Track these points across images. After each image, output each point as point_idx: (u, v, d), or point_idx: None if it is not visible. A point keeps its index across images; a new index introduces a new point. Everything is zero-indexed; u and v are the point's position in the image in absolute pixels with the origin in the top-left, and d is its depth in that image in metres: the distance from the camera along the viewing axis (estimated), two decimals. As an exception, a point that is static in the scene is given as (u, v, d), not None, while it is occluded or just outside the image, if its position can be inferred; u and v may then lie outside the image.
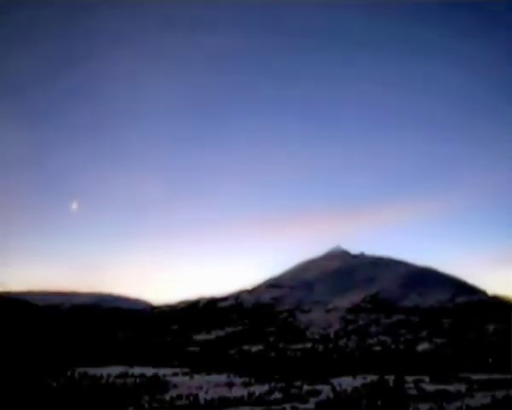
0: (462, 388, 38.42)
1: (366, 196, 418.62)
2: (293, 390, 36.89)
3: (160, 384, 39.17)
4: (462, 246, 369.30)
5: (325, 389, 37.42)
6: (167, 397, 33.35)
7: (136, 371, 46.50)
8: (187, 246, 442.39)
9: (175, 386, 38.70)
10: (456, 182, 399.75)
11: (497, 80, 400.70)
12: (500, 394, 34.45)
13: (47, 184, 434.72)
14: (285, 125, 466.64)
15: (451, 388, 38.56)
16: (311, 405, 30.76)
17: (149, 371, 46.05)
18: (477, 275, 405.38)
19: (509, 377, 45.93)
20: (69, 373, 41.94)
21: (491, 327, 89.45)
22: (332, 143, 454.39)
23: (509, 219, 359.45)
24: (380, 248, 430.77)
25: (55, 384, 36.44)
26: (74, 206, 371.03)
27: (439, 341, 79.29)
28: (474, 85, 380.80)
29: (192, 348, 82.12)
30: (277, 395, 35.08)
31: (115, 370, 46.13)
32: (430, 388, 38.35)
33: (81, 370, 44.32)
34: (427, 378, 45.55)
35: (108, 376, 41.67)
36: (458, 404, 30.63)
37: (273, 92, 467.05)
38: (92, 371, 44.48)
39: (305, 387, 39.08)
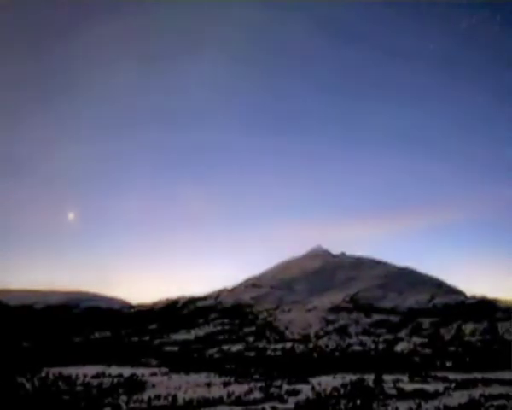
0: (440, 387, 38.89)
1: (353, 208, 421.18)
2: (273, 390, 36.72)
3: (138, 384, 38.50)
4: (442, 247, 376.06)
5: (305, 389, 37.36)
6: (145, 397, 32.80)
7: (114, 371, 45.66)
8: (166, 244, 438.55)
9: (153, 386, 38.13)
10: (437, 197, 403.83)
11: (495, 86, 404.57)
12: (477, 392, 34.99)
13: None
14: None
15: (429, 387, 39.00)
16: (290, 405, 30.61)
17: (127, 371, 45.27)
18: (456, 276, 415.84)
19: (485, 376, 46.77)
20: (43, 374, 40.83)
21: (469, 327, 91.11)
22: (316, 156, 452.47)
23: (488, 222, 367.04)
24: (360, 248, 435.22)
25: (28, 386, 35.41)
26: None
27: (417, 341, 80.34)
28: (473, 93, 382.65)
29: (171, 348, 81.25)
30: (257, 394, 34.86)
31: (91, 370, 45.20)
32: (409, 387, 38.69)
33: (55, 370, 43.23)
34: (405, 378, 45.99)
35: (84, 376, 40.79)
36: (436, 403, 30.92)
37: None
38: (67, 371, 43.45)
39: (285, 387, 38.96)
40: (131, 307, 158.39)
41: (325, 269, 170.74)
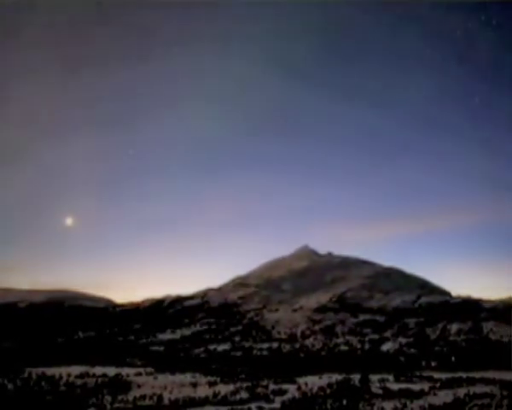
0: (426, 386, 39.24)
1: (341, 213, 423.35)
2: (259, 390, 36.64)
3: (123, 384, 38.07)
4: (428, 249, 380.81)
5: (291, 389, 37.37)
6: (130, 397, 32.48)
7: (98, 370, 45.10)
8: (153, 243, 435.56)
9: (138, 386, 37.77)
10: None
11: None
12: (462, 392, 35.36)
13: None
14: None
15: (415, 386, 39.32)
16: (276, 404, 30.56)
17: (112, 371, 44.77)
18: (442, 276, 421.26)
19: (470, 375, 47.35)
20: (26, 374, 40.10)
21: (454, 327, 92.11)
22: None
23: (472, 225, 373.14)
24: (347, 248, 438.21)
25: (10, 386, 34.73)
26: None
27: (403, 341, 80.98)
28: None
29: (156, 348, 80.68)
30: (243, 394, 34.73)
31: (75, 370, 44.56)
32: (394, 386, 38.96)
33: (39, 370, 42.52)
34: (391, 377, 46.33)
35: (68, 376, 40.20)
36: (421, 402, 31.16)
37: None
38: (51, 371, 42.78)
39: (271, 386, 38.93)
40: (116, 306, 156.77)
41: (312, 269, 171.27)
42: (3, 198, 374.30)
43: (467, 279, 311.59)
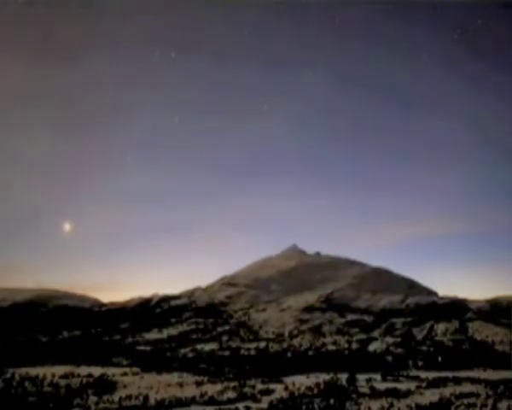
0: (412, 386, 39.42)
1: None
2: (247, 390, 36.45)
3: (109, 384, 37.58)
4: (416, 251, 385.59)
5: (278, 389, 37.24)
6: (116, 398, 32.04)
7: (83, 370, 44.47)
8: (140, 242, 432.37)
9: (124, 386, 37.32)
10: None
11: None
12: (448, 391, 35.60)
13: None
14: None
15: (402, 386, 39.47)
16: (264, 404, 30.37)
17: (97, 371, 44.17)
18: (428, 276, 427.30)
19: (456, 374, 47.77)
20: (9, 375, 39.33)
21: (440, 327, 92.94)
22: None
23: (459, 228, 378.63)
24: (335, 247, 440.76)
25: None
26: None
27: (390, 340, 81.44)
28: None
29: (143, 347, 79.98)
30: (230, 394, 34.52)
31: (60, 370, 43.90)
32: (381, 386, 39.05)
33: (22, 371, 41.77)
34: (378, 377, 46.53)
35: (52, 376, 39.56)
36: (408, 401, 31.24)
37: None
38: (34, 371, 42.08)
39: (259, 386, 38.77)
40: (103, 305, 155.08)
41: (300, 269, 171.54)
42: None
43: (454, 280, 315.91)
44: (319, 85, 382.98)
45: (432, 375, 48.31)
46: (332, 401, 30.35)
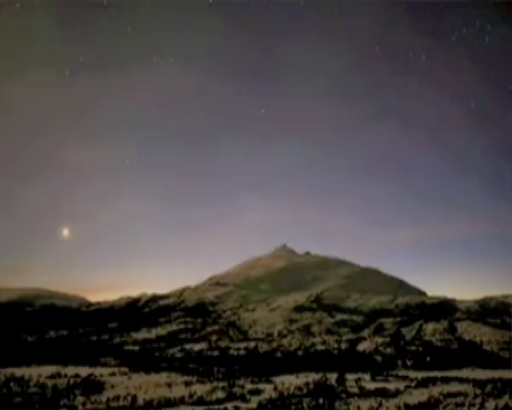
0: (401, 385, 39.56)
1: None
2: (236, 389, 36.26)
3: (96, 385, 37.10)
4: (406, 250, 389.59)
5: (268, 388, 37.10)
6: (103, 398, 31.59)
7: (70, 371, 43.94)
8: (128, 241, 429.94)
9: (112, 386, 36.86)
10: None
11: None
12: (436, 390, 35.78)
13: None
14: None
15: (391, 385, 39.59)
16: (253, 404, 30.21)
17: (84, 371, 43.69)
18: (418, 276, 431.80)
19: (445, 374, 48.09)
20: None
21: (429, 327, 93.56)
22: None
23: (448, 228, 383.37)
24: (325, 247, 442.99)
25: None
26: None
27: (379, 340, 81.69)
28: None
29: (131, 347, 79.26)
30: (219, 394, 34.29)
31: (46, 370, 43.35)
32: (370, 386, 39.14)
33: (8, 371, 41.13)
34: (367, 377, 46.65)
35: (39, 377, 38.95)
36: (397, 401, 31.31)
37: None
38: (20, 371, 41.46)
39: (248, 386, 38.60)
40: (90, 304, 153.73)
41: (290, 268, 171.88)
42: None
43: (443, 280, 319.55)
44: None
45: (421, 375, 48.61)
46: (321, 401, 30.28)
